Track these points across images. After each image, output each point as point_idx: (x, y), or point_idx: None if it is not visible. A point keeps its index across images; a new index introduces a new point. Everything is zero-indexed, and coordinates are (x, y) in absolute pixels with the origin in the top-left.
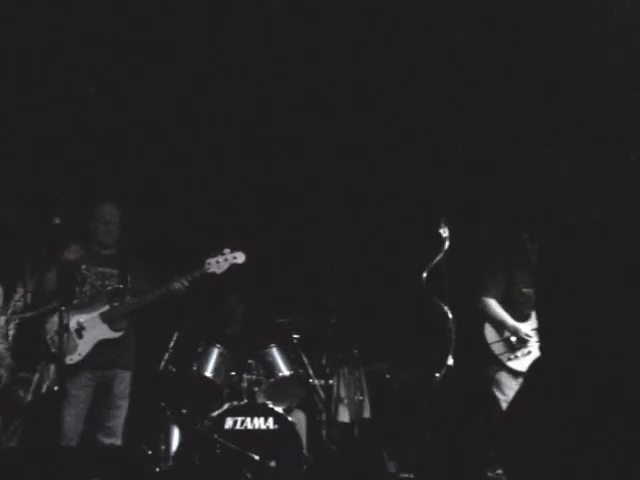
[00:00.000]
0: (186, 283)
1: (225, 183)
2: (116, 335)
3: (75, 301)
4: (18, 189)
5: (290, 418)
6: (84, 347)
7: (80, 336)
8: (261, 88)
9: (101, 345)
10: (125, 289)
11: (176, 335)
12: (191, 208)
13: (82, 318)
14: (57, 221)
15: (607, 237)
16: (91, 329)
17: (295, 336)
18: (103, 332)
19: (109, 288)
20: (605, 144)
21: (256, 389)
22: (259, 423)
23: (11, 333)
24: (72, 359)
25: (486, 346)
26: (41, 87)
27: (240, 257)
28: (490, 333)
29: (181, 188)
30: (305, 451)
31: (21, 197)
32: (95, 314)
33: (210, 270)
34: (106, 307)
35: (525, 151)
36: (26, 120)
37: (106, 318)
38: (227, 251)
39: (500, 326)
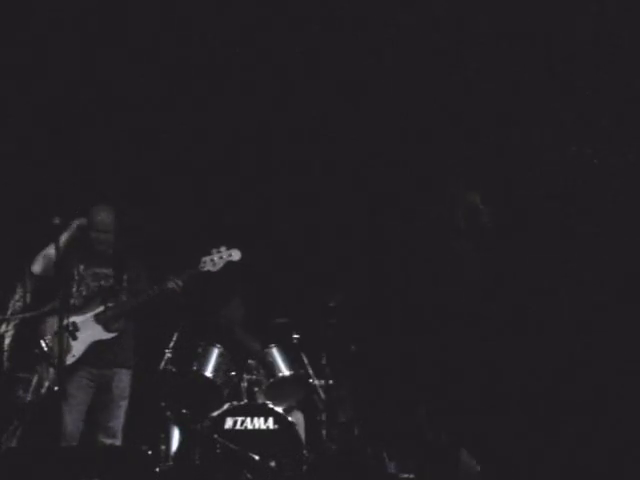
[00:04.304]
0: (181, 283)
1: (225, 183)
2: (110, 336)
3: (71, 301)
4: (18, 189)
5: (290, 418)
6: (78, 348)
7: (74, 337)
8: (261, 88)
9: (97, 345)
10: (120, 289)
11: (176, 335)
12: (190, 208)
13: (76, 319)
14: (57, 221)
15: None
16: (85, 330)
17: (295, 336)
18: (97, 333)
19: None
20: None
21: (256, 389)
22: (259, 423)
23: (10, 333)
24: (66, 361)
25: None
26: (41, 87)
27: (236, 254)
28: None
29: (180, 187)
30: (305, 451)
31: (21, 197)
32: (89, 315)
33: (205, 268)
34: (100, 308)
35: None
36: (26, 120)
37: (101, 319)
38: (223, 249)
39: None
